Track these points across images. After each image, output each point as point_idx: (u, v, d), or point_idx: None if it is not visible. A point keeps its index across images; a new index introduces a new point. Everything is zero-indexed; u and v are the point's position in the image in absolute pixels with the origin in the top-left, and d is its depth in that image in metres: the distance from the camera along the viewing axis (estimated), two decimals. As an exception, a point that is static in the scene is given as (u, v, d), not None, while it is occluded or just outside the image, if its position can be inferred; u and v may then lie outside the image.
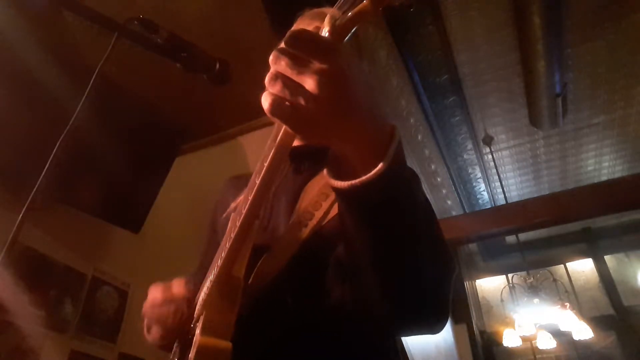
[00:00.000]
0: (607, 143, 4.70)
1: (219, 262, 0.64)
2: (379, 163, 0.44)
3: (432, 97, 3.99)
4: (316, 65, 0.40)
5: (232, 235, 0.61)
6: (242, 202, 0.62)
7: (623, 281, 5.92)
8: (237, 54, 0.95)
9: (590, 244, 6.32)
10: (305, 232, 0.69)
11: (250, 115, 2.52)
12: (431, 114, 4.16)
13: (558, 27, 3.20)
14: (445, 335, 4.97)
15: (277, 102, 0.41)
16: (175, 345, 0.79)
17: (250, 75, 0.93)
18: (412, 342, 3.25)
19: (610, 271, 6.06)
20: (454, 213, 5.69)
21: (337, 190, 0.48)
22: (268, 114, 0.42)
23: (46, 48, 1.72)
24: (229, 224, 0.72)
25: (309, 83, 0.40)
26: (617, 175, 5.11)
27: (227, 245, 0.62)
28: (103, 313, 2.06)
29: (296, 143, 0.88)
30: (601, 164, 5.04)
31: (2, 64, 1.65)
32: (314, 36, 0.41)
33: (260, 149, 0.56)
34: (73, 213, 1.91)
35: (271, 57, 0.42)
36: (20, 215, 0.63)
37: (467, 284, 6.16)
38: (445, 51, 3.51)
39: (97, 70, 0.67)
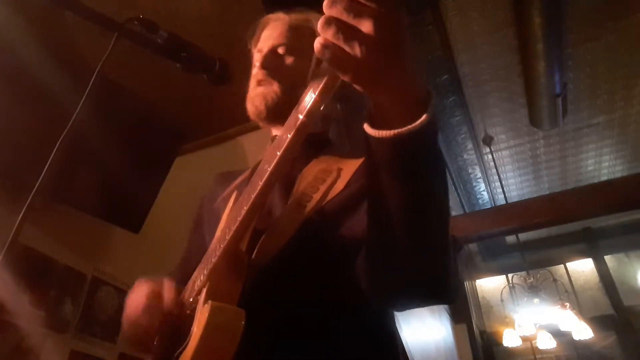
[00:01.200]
0: (607, 143, 4.70)
1: (227, 237, 0.64)
2: (422, 115, 0.44)
3: (432, 97, 3.98)
4: (373, 8, 0.40)
5: (243, 213, 0.62)
6: (250, 184, 0.62)
7: (623, 281, 5.92)
8: (237, 54, 0.95)
9: (590, 244, 6.32)
10: (305, 212, 0.70)
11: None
12: (431, 114, 4.16)
13: (558, 27, 3.20)
14: (445, 335, 4.97)
15: (330, 46, 0.41)
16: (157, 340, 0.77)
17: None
18: (412, 342, 3.25)
19: (610, 271, 6.06)
20: (454, 213, 5.69)
21: (380, 140, 0.47)
22: (321, 59, 0.42)
23: (46, 48, 1.72)
24: (233, 206, 0.73)
25: (366, 26, 0.40)
26: (617, 175, 5.11)
27: (236, 224, 0.63)
28: (103, 313, 2.06)
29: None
30: (601, 164, 5.04)
31: (2, 64, 1.65)
32: None
33: (260, 149, 0.57)
34: (73, 213, 1.91)
35: (325, 3, 0.41)
36: (20, 215, 0.63)
37: (467, 284, 6.17)
38: (445, 51, 3.51)
39: (97, 70, 0.67)
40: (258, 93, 0.86)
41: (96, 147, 1.74)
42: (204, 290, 0.67)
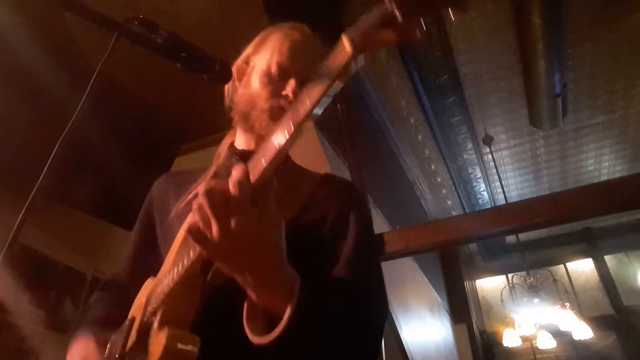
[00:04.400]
0: (607, 143, 4.70)
1: (185, 264, 0.64)
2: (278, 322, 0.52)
3: (432, 97, 3.99)
4: (214, 230, 0.49)
5: (192, 257, 0.62)
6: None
7: (623, 281, 5.92)
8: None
9: (590, 244, 6.32)
10: None
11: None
12: (431, 114, 4.17)
13: (558, 27, 3.20)
14: (445, 335, 4.97)
15: (194, 226, 0.51)
16: None
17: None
18: (412, 342, 3.25)
19: (610, 271, 6.06)
20: (454, 213, 5.69)
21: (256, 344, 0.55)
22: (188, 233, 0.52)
23: (46, 48, 1.73)
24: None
25: (211, 239, 0.50)
26: (617, 175, 5.11)
27: (194, 254, 0.62)
28: (103, 313, 2.06)
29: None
30: (601, 164, 5.04)
31: (2, 64, 1.65)
32: (224, 201, 0.48)
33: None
34: (73, 213, 1.91)
35: (201, 193, 0.49)
36: (20, 215, 0.63)
37: (467, 284, 6.17)
38: (445, 51, 3.51)
39: (97, 70, 0.67)
40: (275, 111, 0.81)
41: (96, 147, 1.74)
42: (159, 313, 0.68)
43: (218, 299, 0.68)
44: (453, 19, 0.41)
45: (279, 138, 0.50)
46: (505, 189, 5.23)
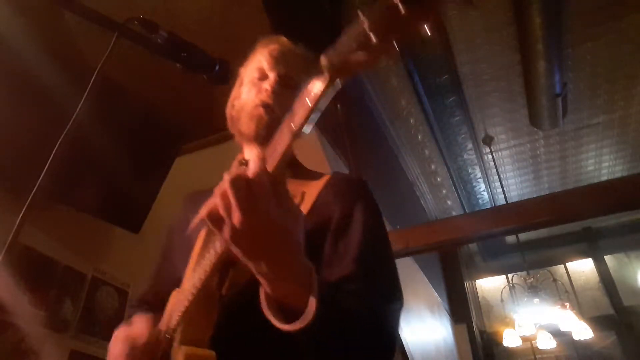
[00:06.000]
0: (607, 143, 4.70)
1: (201, 276, 0.66)
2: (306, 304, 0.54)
3: (432, 97, 3.99)
4: (236, 216, 0.50)
5: (214, 257, 0.64)
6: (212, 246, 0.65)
7: (623, 281, 5.92)
8: (237, 54, 0.95)
9: (590, 244, 6.32)
10: None
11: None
12: (431, 114, 4.16)
13: (558, 27, 3.20)
14: (445, 335, 4.96)
15: (214, 212, 0.53)
16: None
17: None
18: (412, 342, 3.25)
19: (610, 271, 6.05)
20: (454, 213, 5.69)
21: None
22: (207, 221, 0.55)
23: (46, 48, 1.72)
24: (204, 244, 0.76)
25: (231, 225, 0.51)
26: (617, 175, 5.11)
27: (208, 268, 0.65)
28: (103, 313, 2.06)
29: None
30: (601, 164, 5.04)
31: (2, 64, 1.65)
32: (243, 191, 0.50)
33: (260, 149, 0.57)
34: (73, 213, 1.91)
35: (225, 180, 0.51)
36: (20, 215, 0.63)
37: (467, 284, 6.16)
38: (445, 51, 3.51)
39: (97, 70, 0.67)
40: (261, 115, 0.86)
41: (96, 147, 1.74)
42: (179, 330, 0.70)
43: (233, 308, 0.69)
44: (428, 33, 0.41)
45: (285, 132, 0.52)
46: (505, 189, 5.23)
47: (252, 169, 0.51)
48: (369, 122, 3.76)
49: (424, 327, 4.04)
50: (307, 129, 0.50)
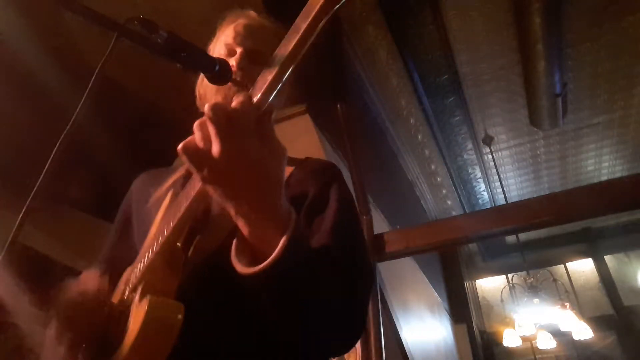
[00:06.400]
0: (607, 143, 4.70)
1: (166, 233, 0.64)
2: (272, 250, 0.50)
3: (432, 97, 3.99)
4: (215, 147, 0.48)
5: (183, 209, 0.61)
6: (191, 182, 0.62)
7: (623, 281, 5.92)
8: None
9: (590, 244, 6.32)
10: None
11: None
12: (431, 114, 4.17)
13: (558, 27, 3.20)
14: (445, 335, 4.97)
15: (190, 144, 0.50)
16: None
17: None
18: (412, 342, 3.25)
19: (610, 271, 6.06)
20: (454, 213, 5.69)
21: (243, 274, 0.53)
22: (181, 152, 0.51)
23: (46, 48, 1.72)
24: (170, 204, 0.73)
25: (210, 158, 0.49)
26: (617, 175, 5.11)
27: (175, 220, 0.63)
28: (103, 313, 2.06)
29: None
30: (601, 164, 5.04)
31: (2, 64, 1.65)
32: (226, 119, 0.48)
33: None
34: (73, 213, 1.91)
35: (205, 110, 0.48)
36: (20, 215, 0.63)
37: (467, 284, 6.17)
38: (445, 51, 3.51)
39: (97, 70, 0.67)
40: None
41: (96, 147, 1.74)
42: (140, 287, 0.66)
43: (197, 277, 0.67)
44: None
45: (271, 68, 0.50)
46: (505, 189, 5.23)
47: (236, 100, 0.48)
48: (369, 122, 3.76)
49: (424, 327, 4.04)
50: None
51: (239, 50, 0.85)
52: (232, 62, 0.82)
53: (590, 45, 3.52)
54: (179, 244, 0.68)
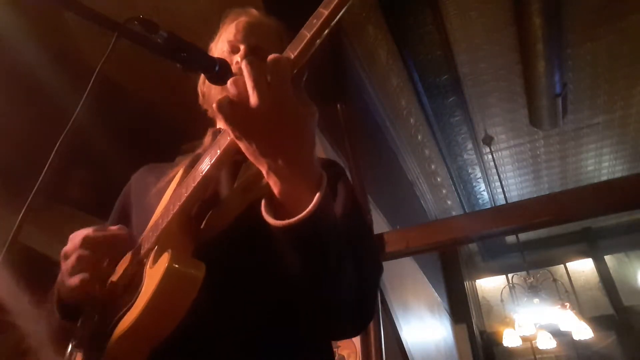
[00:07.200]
0: (607, 143, 4.70)
1: (180, 203, 0.63)
2: (304, 209, 0.50)
3: (432, 97, 3.99)
4: (253, 98, 0.47)
5: (193, 185, 0.62)
6: (203, 159, 0.62)
7: (623, 281, 5.92)
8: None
9: (590, 244, 6.32)
10: (251, 196, 0.68)
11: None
12: (431, 114, 4.17)
13: (558, 27, 3.20)
14: (445, 335, 4.97)
15: (224, 100, 0.49)
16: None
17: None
18: (412, 342, 3.25)
19: (610, 271, 6.06)
20: (454, 213, 5.69)
21: (276, 227, 0.52)
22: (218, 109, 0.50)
23: (46, 48, 1.73)
24: (179, 185, 0.73)
25: (245, 112, 0.48)
26: (617, 175, 5.11)
27: (187, 192, 0.63)
28: (103, 313, 2.06)
29: None
30: (601, 164, 5.04)
31: (2, 64, 1.65)
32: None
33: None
34: (73, 213, 1.91)
35: (242, 63, 0.48)
36: (20, 215, 0.63)
37: (467, 284, 6.17)
38: (445, 51, 3.51)
39: (97, 70, 0.67)
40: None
41: (96, 147, 1.74)
42: (154, 251, 0.63)
43: (211, 253, 0.66)
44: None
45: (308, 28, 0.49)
46: (505, 189, 5.23)
47: (272, 55, 0.47)
48: (369, 122, 3.76)
49: (424, 327, 4.04)
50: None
51: (242, 46, 0.87)
52: (237, 58, 0.84)
53: (590, 45, 3.52)
54: (192, 215, 0.67)
